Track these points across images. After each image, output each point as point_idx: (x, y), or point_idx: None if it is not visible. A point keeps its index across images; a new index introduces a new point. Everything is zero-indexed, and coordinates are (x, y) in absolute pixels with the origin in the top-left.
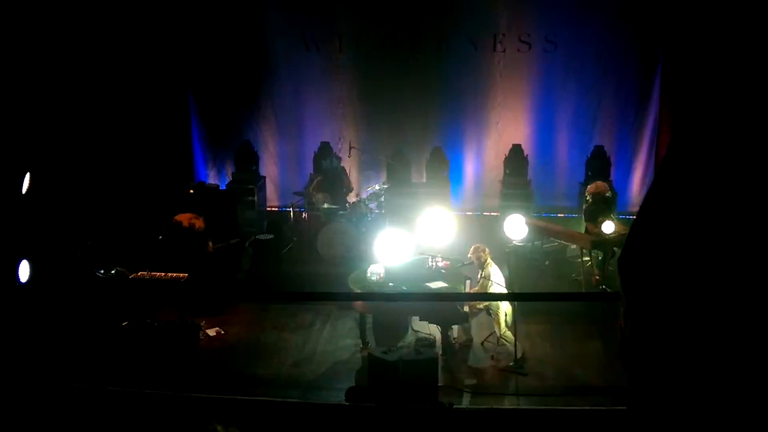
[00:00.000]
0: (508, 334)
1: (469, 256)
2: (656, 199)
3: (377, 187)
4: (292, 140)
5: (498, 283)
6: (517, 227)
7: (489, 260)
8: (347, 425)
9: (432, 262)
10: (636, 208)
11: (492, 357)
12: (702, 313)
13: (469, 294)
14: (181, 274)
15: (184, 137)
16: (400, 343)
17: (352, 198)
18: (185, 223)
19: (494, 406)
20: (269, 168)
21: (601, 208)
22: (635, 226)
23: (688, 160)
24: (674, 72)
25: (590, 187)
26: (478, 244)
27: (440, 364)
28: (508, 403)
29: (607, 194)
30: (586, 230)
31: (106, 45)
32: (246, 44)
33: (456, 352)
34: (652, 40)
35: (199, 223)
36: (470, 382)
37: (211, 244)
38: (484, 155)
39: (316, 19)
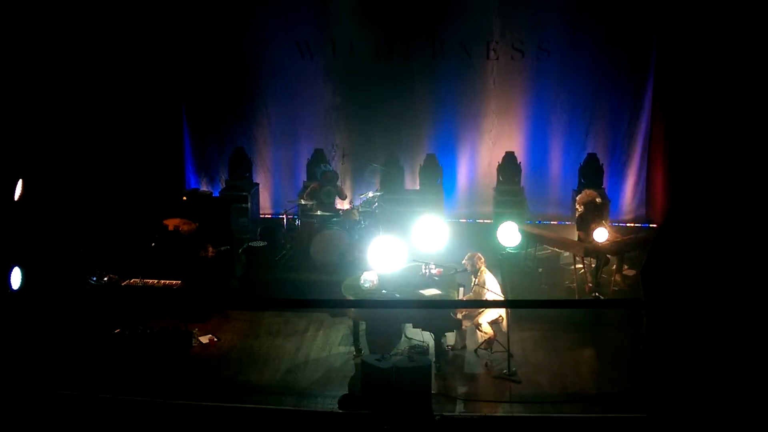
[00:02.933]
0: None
1: (463, 263)
2: (678, 214)
3: (370, 194)
4: (286, 147)
5: (493, 291)
6: (510, 234)
7: (483, 268)
8: None
9: (425, 269)
10: (629, 215)
11: (485, 364)
12: (723, 324)
13: (462, 301)
14: (174, 282)
15: (176, 144)
16: (394, 351)
17: (345, 205)
18: (170, 227)
19: (487, 414)
20: (263, 175)
21: (592, 215)
22: (658, 241)
23: (707, 174)
24: (667, 80)
25: (580, 197)
26: (473, 252)
27: (433, 371)
28: (501, 411)
29: (597, 201)
30: (579, 238)
31: (100, 52)
32: (240, 51)
33: (449, 359)
34: (644, 47)
35: (185, 227)
36: (463, 389)
37: (211, 248)
38: (478, 162)
39: (310, 26)
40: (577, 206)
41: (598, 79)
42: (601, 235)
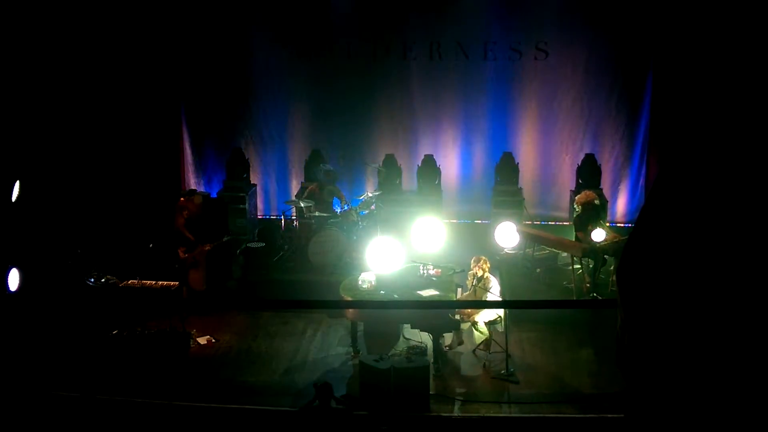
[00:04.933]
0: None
1: (472, 268)
2: (653, 210)
3: (369, 194)
4: (283, 148)
5: (494, 294)
6: (508, 235)
7: (487, 274)
8: None
9: (423, 269)
10: (627, 217)
11: (484, 365)
12: (700, 322)
13: (460, 301)
14: (172, 283)
15: (174, 145)
16: (392, 351)
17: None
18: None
19: (485, 414)
20: (260, 176)
21: (590, 216)
22: (632, 238)
23: (684, 171)
24: (665, 79)
25: (579, 197)
26: (480, 256)
27: (431, 372)
28: (499, 411)
29: (596, 202)
30: (577, 238)
31: (98, 53)
32: (238, 52)
33: (447, 360)
34: (643, 48)
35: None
36: (461, 389)
37: (206, 247)
38: (476, 163)
39: (308, 27)
40: (576, 207)
41: (596, 80)
42: (599, 235)
